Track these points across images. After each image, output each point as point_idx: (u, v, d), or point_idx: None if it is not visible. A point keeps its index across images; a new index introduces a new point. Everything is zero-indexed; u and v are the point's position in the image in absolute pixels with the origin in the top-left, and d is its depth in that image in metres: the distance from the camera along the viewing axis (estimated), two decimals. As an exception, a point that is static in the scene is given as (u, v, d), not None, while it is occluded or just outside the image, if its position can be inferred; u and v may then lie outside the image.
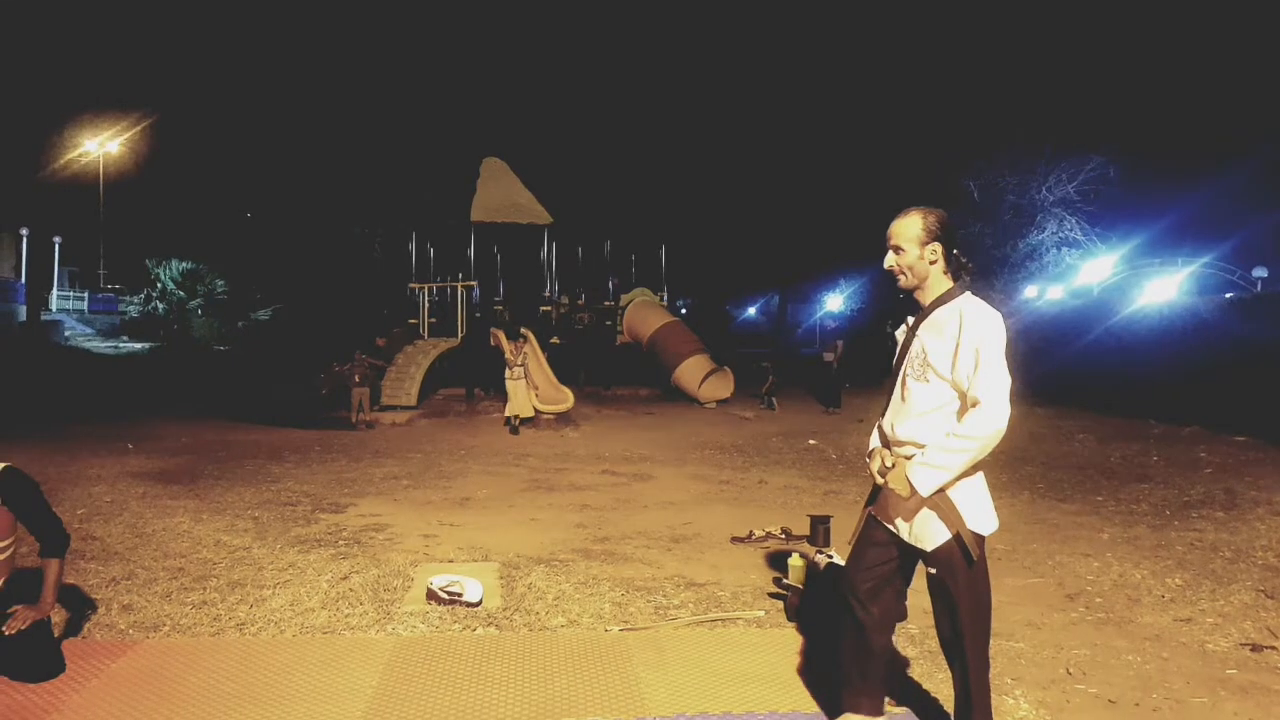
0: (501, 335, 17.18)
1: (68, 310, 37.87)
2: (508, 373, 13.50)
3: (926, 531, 2.75)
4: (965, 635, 2.76)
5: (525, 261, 22.74)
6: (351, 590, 4.85)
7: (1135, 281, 28.92)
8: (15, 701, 3.33)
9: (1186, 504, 7.43)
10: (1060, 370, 18.76)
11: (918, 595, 4.59)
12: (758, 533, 6.14)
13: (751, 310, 51.87)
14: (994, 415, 2.57)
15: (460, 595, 4.58)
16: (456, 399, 16.36)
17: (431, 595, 4.62)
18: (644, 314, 20.71)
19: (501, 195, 21.08)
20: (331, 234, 32.64)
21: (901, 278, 2.82)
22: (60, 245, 40.01)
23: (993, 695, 2.94)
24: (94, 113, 31.80)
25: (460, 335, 18.23)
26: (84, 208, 37.29)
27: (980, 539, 2.73)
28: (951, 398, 2.71)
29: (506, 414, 13.38)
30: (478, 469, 9.49)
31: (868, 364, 19.10)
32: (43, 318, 31.50)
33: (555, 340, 18.54)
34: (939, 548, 2.72)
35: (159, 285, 35.68)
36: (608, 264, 24.39)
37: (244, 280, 36.14)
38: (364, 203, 30.58)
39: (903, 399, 2.83)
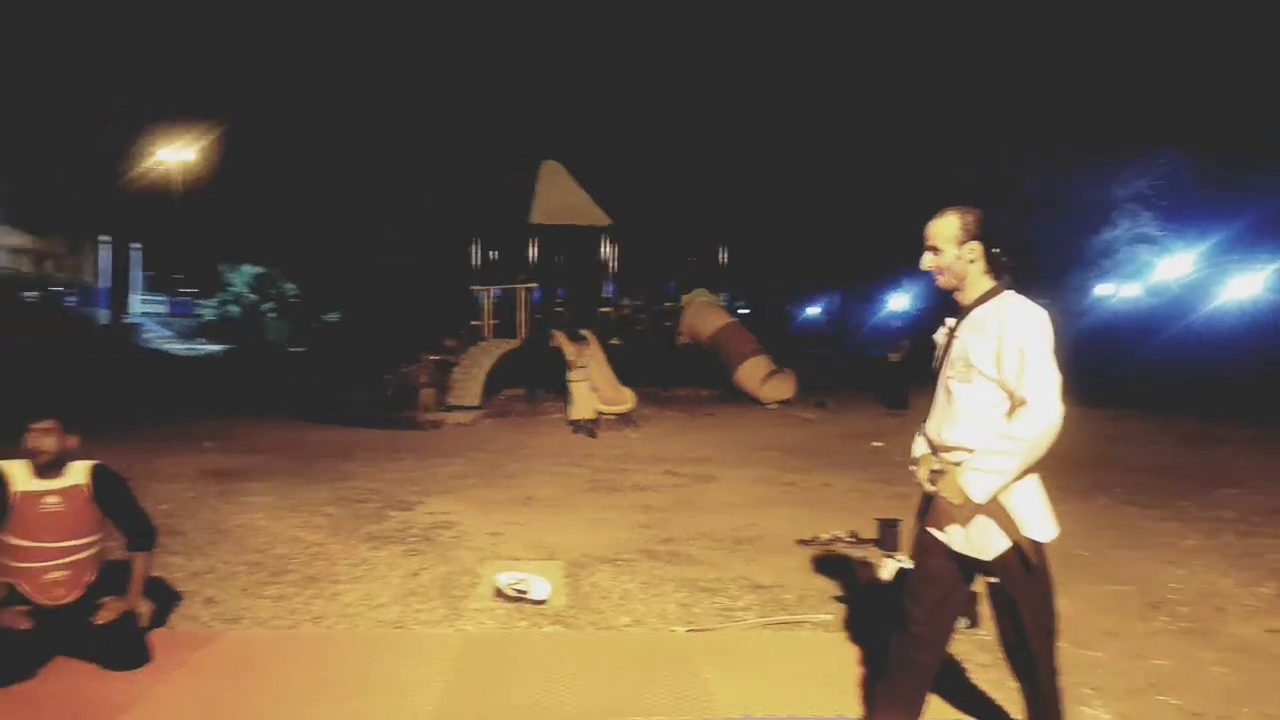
0: (562, 336, 17.31)
1: (148, 314, 39.27)
2: (571, 374, 13.50)
3: (984, 541, 2.68)
4: (1032, 643, 2.70)
5: (585, 263, 22.90)
6: (422, 586, 4.94)
7: (1216, 278, 27.90)
8: (105, 689, 3.47)
9: (1276, 510, 7.15)
10: (1138, 369, 18.21)
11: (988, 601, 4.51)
12: (823, 536, 6.08)
13: (813, 310, 51.31)
14: (1044, 414, 2.51)
15: (527, 593, 4.64)
16: (518, 399, 16.52)
17: (499, 593, 4.69)
18: (704, 314, 20.66)
19: (560, 197, 21.26)
20: (396, 237, 33.30)
21: (940, 278, 2.79)
22: (139, 251, 41.48)
23: (1071, 705, 2.88)
24: (169, 122, 32.92)
25: (521, 336, 18.42)
26: (161, 215, 38.60)
27: (1039, 546, 2.67)
28: (999, 398, 2.65)
29: (572, 417, 13.36)
30: (540, 469, 9.57)
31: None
32: (124, 321, 32.73)
33: (615, 341, 18.61)
34: (998, 557, 2.66)
35: (232, 289, 36.81)
36: (667, 264, 24.39)
37: (313, 284, 37.05)
38: (427, 206, 31.12)
39: (947, 403, 2.77)
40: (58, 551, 3.67)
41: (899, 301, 43.59)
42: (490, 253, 22.91)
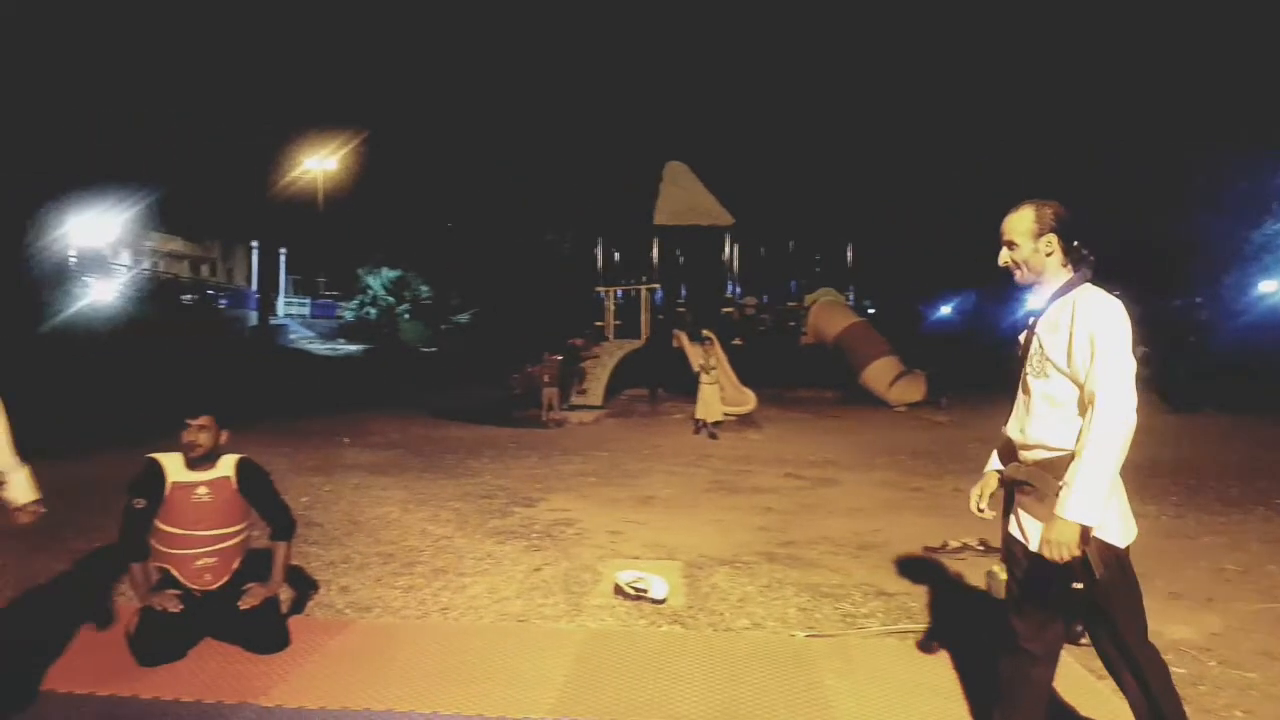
0: (684, 337, 17.33)
1: (292, 315, 41.57)
2: (703, 376, 13.44)
3: None
4: (1133, 650, 2.54)
5: (707, 263, 22.88)
6: (544, 581, 5.03)
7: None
8: (248, 670, 3.68)
9: None
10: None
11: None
12: (953, 543, 5.87)
13: (945, 310, 49.62)
14: (1115, 408, 2.38)
15: (646, 592, 4.66)
16: (640, 399, 16.66)
17: (618, 590, 4.73)
18: (829, 314, 20.33)
19: (684, 198, 21.31)
20: (523, 240, 34.12)
21: (1016, 273, 2.73)
22: (285, 256, 44.00)
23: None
24: (313, 133, 34.80)
25: (644, 337, 18.55)
26: (305, 221, 40.82)
27: (1112, 549, 2.50)
28: (1074, 392, 2.54)
29: (695, 416, 13.33)
30: (661, 469, 9.61)
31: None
32: (271, 322, 34.72)
33: (737, 341, 18.52)
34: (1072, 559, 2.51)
35: (370, 292, 38.55)
36: (791, 264, 24.12)
37: (445, 286, 38.38)
38: (553, 209, 31.77)
39: (1026, 400, 2.69)
40: (207, 539, 3.92)
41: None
42: (613, 254, 23.19)
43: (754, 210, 22.70)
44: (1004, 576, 2.76)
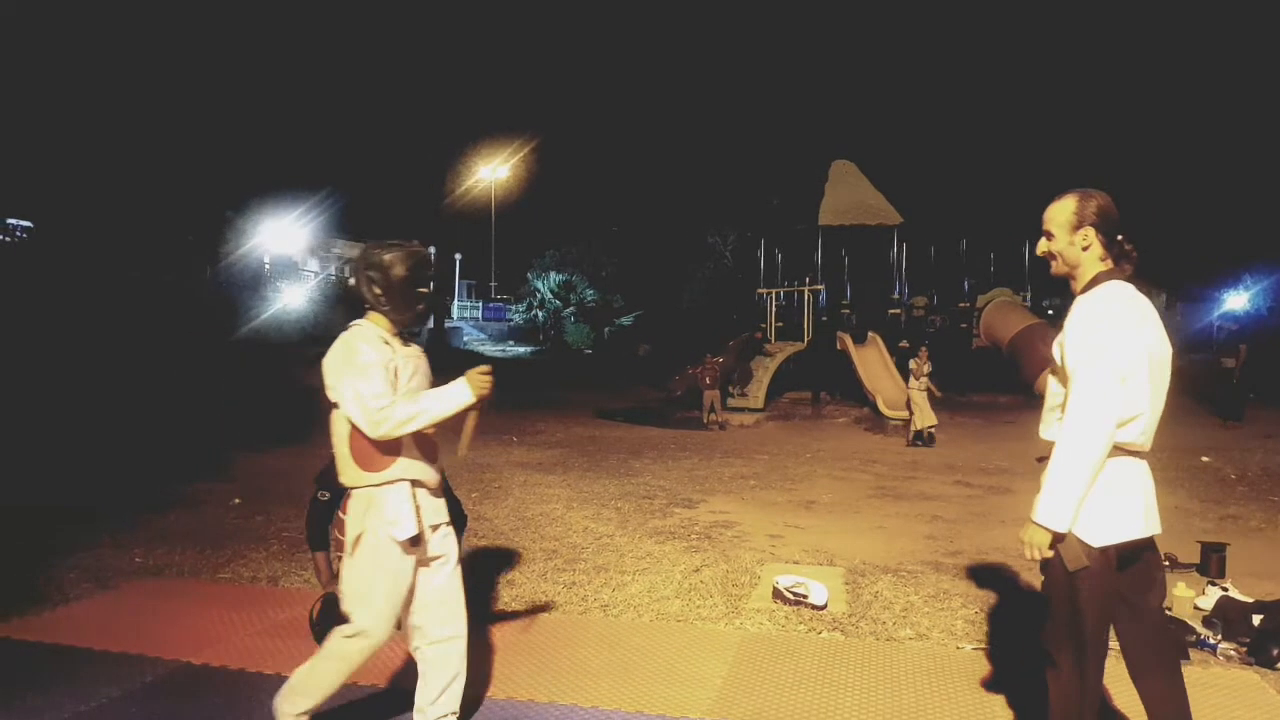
0: (848, 339, 16.97)
1: (465, 318, 43.54)
2: (913, 383, 13.04)
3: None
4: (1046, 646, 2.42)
5: (874, 263, 22.31)
6: (702, 583, 5.07)
7: None
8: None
9: None
10: None
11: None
12: (1137, 558, 5.48)
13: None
14: (1087, 410, 2.26)
15: (805, 597, 4.61)
16: (802, 403, 16.44)
17: (777, 594, 4.70)
18: (1004, 315, 19.33)
19: (850, 197, 20.87)
20: (685, 242, 34.37)
21: (1053, 264, 2.61)
22: (460, 260, 46.18)
23: None
24: (487, 141, 36.45)
25: (806, 339, 18.30)
26: (479, 226, 42.73)
27: (1085, 548, 2.31)
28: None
29: (915, 427, 12.81)
30: (823, 473, 9.46)
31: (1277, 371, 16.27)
32: (446, 325, 36.52)
33: (904, 344, 17.96)
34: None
35: (538, 295, 39.91)
36: (963, 263, 23.17)
37: (609, 289, 39.22)
38: (716, 211, 31.82)
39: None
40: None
41: (1236, 301, 38.22)
42: (777, 255, 23.01)
43: (924, 208, 21.95)
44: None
